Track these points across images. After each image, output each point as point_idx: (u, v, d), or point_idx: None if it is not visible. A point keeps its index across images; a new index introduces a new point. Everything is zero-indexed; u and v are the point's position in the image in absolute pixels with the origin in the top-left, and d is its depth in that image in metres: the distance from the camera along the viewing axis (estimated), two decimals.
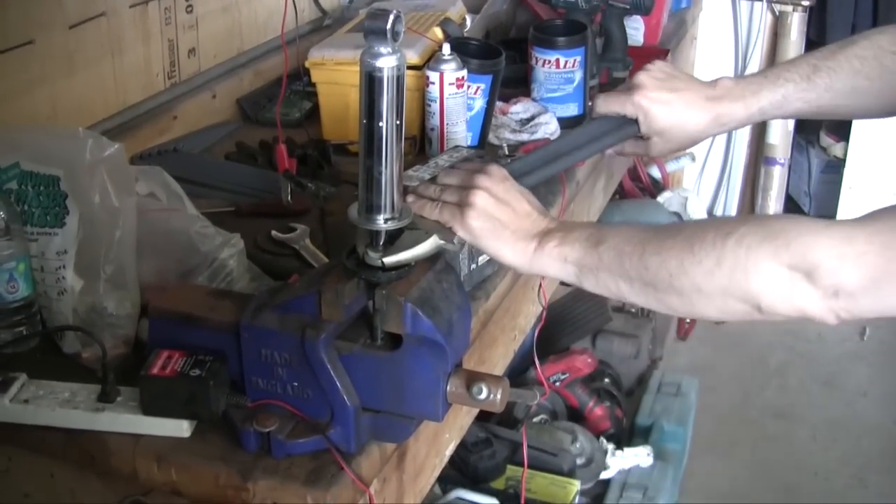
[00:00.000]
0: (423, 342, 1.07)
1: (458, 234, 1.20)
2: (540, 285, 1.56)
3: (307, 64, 2.00)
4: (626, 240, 1.13)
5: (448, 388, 1.09)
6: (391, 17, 1.02)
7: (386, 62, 1.04)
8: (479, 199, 1.19)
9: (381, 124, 1.06)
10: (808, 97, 1.43)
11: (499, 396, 1.09)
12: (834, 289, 1.01)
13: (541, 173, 1.40)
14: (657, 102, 1.38)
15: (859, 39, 1.43)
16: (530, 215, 1.21)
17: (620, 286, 1.14)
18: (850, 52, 1.43)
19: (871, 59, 1.42)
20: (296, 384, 1.12)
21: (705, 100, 1.40)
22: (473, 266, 1.45)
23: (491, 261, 1.48)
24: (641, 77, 1.39)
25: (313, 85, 2.04)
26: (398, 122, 1.07)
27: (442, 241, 1.12)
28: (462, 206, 1.20)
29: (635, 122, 1.35)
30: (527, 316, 1.72)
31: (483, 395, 1.08)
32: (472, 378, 1.10)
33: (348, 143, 1.94)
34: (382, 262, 1.08)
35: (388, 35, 1.03)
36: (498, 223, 1.19)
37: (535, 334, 1.62)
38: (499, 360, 1.59)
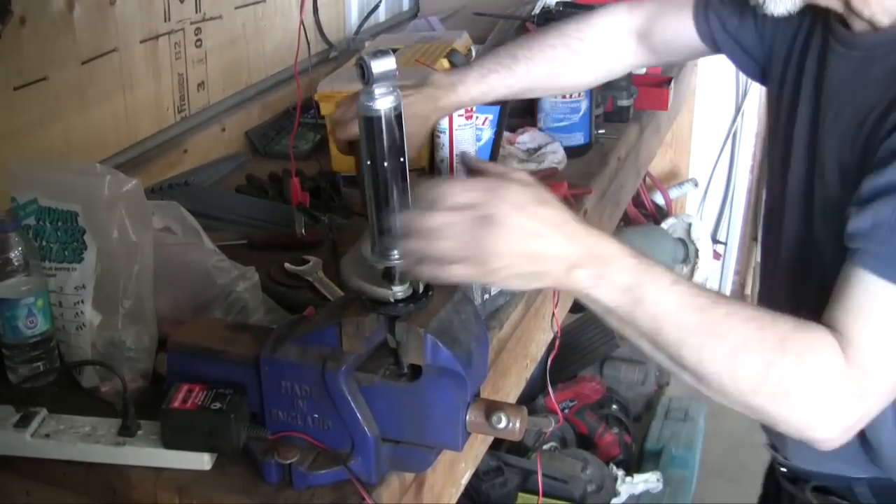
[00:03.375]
0: (442, 373, 1.08)
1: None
2: (553, 314, 1.57)
3: (316, 97, 2.02)
4: (667, 314, 1.06)
5: (468, 417, 1.10)
6: (377, 60, 1.02)
7: (382, 104, 1.04)
8: (496, 255, 1.02)
9: (385, 164, 1.05)
10: (509, 83, 1.61)
11: (518, 425, 1.10)
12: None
13: None
14: None
15: (551, 30, 1.67)
16: (557, 240, 1.05)
17: (643, 345, 1.11)
18: (543, 42, 1.65)
19: (561, 47, 1.64)
20: (316, 416, 1.13)
21: (427, 98, 1.54)
22: (486, 296, 1.46)
23: (503, 290, 1.50)
24: None
25: (321, 117, 2.06)
26: (402, 160, 1.06)
27: None
28: (477, 267, 1.03)
29: None
30: (538, 344, 1.73)
31: (503, 424, 1.09)
32: (491, 407, 1.10)
33: (357, 175, 1.95)
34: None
35: (374, 77, 1.02)
36: (523, 266, 1.04)
37: (549, 362, 1.63)
38: (512, 388, 1.60)
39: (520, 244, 1.03)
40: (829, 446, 1.11)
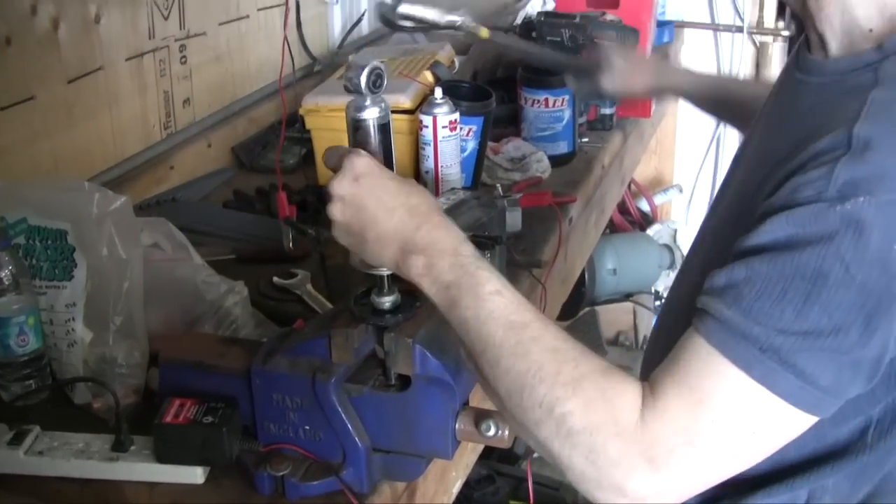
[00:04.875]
0: (432, 381, 1.09)
1: None
2: None
3: (301, 111, 2.03)
4: (476, 321, 1.02)
5: (457, 425, 1.11)
6: (366, 71, 1.06)
7: (370, 113, 1.08)
8: (336, 211, 1.07)
9: None
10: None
11: (507, 432, 1.11)
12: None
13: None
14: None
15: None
16: (392, 215, 1.05)
17: (461, 350, 1.07)
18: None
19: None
20: (307, 427, 1.14)
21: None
22: None
23: None
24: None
25: (307, 131, 2.07)
26: (390, 168, 1.10)
27: None
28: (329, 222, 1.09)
29: None
30: None
31: (492, 432, 1.10)
32: (481, 415, 1.12)
33: None
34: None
35: (366, 89, 1.07)
36: (359, 235, 1.07)
37: None
38: None
39: (359, 212, 1.05)
40: None
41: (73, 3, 1.80)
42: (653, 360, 1.08)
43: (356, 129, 1.08)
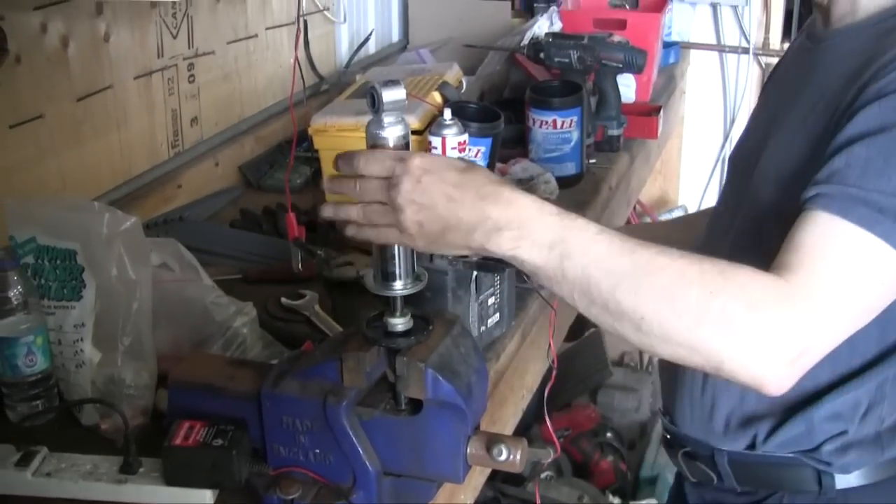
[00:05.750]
0: (443, 406, 1.08)
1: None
2: (549, 344, 1.58)
3: (310, 131, 2.02)
4: (597, 262, 1.06)
5: (468, 450, 1.11)
6: (393, 89, 1.06)
7: (392, 132, 1.08)
8: (406, 220, 1.06)
9: None
10: None
11: (518, 457, 1.10)
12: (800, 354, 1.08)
13: None
14: None
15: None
16: (462, 204, 1.06)
17: (577, 300, 1.09)
18: None
19: None
20: (318, 450, 1.13)
21: None
22: (483, 328, 1.47)
23: (500, 322, 1.51)
24: None
25: (315, 151, 2.07)
26: None
27: None
28: (399, 230, 1.07)
29: None
30: (533, 374, 1.74)
31: (503, 457, 1.10)
32: (492, 440, 1.11)
33: None
34: None
35: (392, 106, 1.06)
36: (436, 233, 1.07)
37: (546, 392, 1.63)
38: (509, 419, 1.61)
39: (431, 211, 1.06)
40: (776, 385, 1.08)
41: (83, 21, 1.81)
42: None
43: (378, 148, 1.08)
